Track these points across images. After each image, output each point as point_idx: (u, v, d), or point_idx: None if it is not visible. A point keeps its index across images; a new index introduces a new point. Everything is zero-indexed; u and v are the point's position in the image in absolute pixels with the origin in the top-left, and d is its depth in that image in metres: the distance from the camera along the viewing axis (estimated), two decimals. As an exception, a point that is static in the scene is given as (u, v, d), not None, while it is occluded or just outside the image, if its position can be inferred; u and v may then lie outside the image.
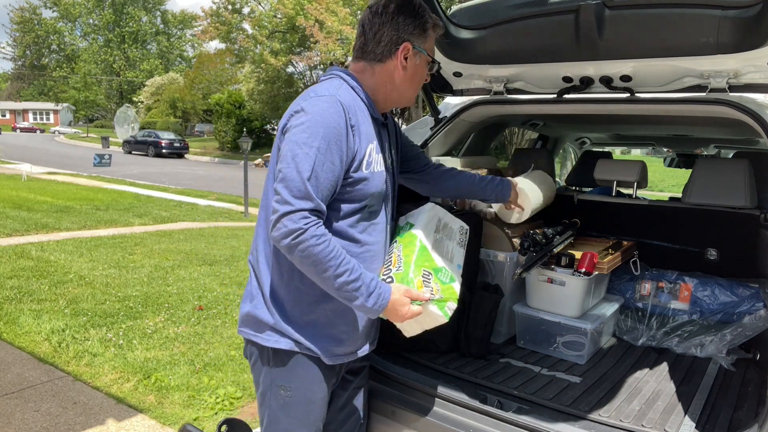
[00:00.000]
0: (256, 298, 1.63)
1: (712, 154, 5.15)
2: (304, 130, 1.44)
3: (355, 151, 1.51)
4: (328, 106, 1.47)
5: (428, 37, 1.64)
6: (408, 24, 1.59)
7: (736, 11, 1.83)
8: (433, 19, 1.64)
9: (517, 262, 2.48)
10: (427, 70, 1.69)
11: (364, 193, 1.56)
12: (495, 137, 3.67)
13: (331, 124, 1.45)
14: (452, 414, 1.85)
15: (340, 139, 1.46)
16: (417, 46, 1.61)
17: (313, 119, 1.45)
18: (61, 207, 10.13)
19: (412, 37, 1.59)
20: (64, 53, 61.64)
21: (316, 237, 1.40)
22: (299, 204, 1.40)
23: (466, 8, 2.42)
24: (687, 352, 2.46)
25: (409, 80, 1.65)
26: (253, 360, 1.69)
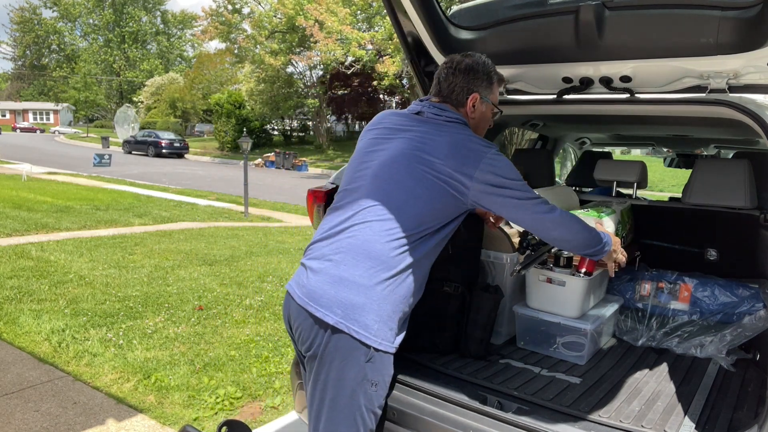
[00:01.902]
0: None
1: (712, 154, 5.15)
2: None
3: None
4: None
5: (492, 88, 1.94)
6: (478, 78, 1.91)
7: (736, 11, 1.83)
8: (498, 75, 1.97)
9: (517, 262, 2.48)
10: (491, 114, 2.00)
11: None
12: (495, 137, 3.67)
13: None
14: (452, 414, 1.85)
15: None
16: (485, 97, 1.92)
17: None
18: (61, 207, 10.13)
19: (481, 89, 1.91)
20: (64, 53, 61.68)
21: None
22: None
23: (466, 8, 2.42)
24: (687, 352, 2.46)
25: (481, 122, 1.97)
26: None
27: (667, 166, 6.34)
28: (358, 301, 1.65)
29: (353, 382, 1.67)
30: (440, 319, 2.33)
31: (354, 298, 1.65)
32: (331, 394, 1.70)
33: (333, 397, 1.70)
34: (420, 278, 1.80)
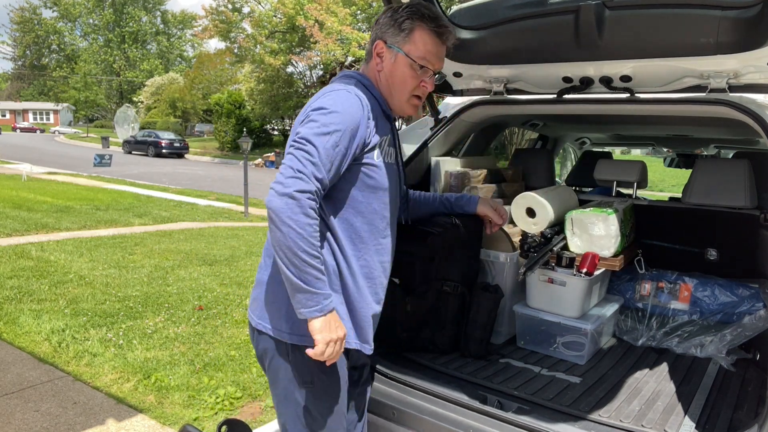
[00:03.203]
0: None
1: (712, 154, 5.15)
2: (321, 115, 1.50)
3: (367, 141, 1.58)
4: (348, 96, 1.55)
5: (409, 37, 1.62)
6: (384, 23, 1.65)
7: (736, 11, 1.83)
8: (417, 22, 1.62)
9: (517, 262, 2.48)
10: (411, 71, 1.64)
11: (377, 182, 1.63)
12: (495, 137, 3.67)
13: (348, 112, 1.52)
14: (452, 414, 1.85)
15: (356, 128, 1.53)
16: (392, 45, 1.63)
17: (332, 108, 1.51)
18: (61, 207, 10.12)
19: (387, 35, 1.64)
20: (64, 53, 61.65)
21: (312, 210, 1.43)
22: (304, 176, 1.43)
23: (466, 8, 2.42)
24: (687, 352, 2.46)
25: (392, 80, 1.66)
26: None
27: (667, 166, 6.34)
28: (258, 296, 1.68)
29: (284, 382, 1.65)
30: (440, 319, 2.33)
31: (257, 293, 1.69)
32: (274, 401, 1.71)
33: (276, 403, 1.71)
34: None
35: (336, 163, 1.49)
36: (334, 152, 1.48)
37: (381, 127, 1.64)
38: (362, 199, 1.61)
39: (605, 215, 2.38)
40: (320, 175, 1.45)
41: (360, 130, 1.54)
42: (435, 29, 1.63)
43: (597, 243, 2.41)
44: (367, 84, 1.67)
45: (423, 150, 2.61)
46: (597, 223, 2.40)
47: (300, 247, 1.41)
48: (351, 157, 1.54)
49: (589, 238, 2.42)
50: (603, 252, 2.40)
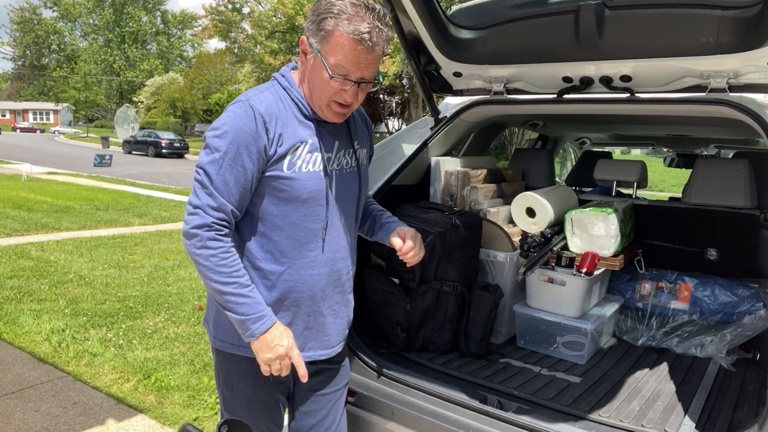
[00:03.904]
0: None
1: (712, 154, 5.14)
2: (213, 138, 1.47)
3: (269, 152, 1.49)
4: (239, 111, 1.48)
5: (329, 41, 1.43)
6: (310, 17, 1.49)
7: (736, 11, 1.83)
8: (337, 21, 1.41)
9: (517, 262, 2.49)
10: (328, 76, 1.45)
11: (290, 194, 1.53)
12: (495, 137, 3.67)
13: (238, 129, 1.45)
14: (452, 414, 1.85)
15: (251, 142, 1.46)
16: (312, 44, 1.47)
17: (222, 128, 1.47)
18: (61, 207, 10.13)
19: (309, 32, 1.49)
20: (64, 53, 61.67)
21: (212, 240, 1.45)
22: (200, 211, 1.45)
23: (466, 8, 2.42)
24: (687, 352, 2.46)
25: (311, 81, 1.52)
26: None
27: (667, 166, 6.34)
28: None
29: (216, 378, 1.74)
30: (440, 319, 2.33)
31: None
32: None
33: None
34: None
35: (238, 184, 1.46)
36: (231, 175, 1.45)
37: (294, 133, 1.53)
38: (277, 213, 1.55)
39: (605, 215, 2.38)
40: (217, 204, 1.45)
41: (257, 143, 1.46)
42: (355, 35, 1.40)
43: (597, 243, 2.41)
44: (286, 85, 1.57)
45: (423, 150, 2.61)
46: (597, 222, 2.40)
47: (212, 279, 1.46)
48: (257, 172, 1.49)
49: (589, 237, 2.42)
50: (603, 252, 2.40)
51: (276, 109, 1.51)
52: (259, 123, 1.46)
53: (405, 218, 2.32)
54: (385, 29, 1.45)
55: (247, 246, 1.57)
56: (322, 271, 1.62)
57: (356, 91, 1.50)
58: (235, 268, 1.48)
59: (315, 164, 1.56)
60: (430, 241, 2.22)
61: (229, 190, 1.46)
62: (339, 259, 1.66)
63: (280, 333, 1.53)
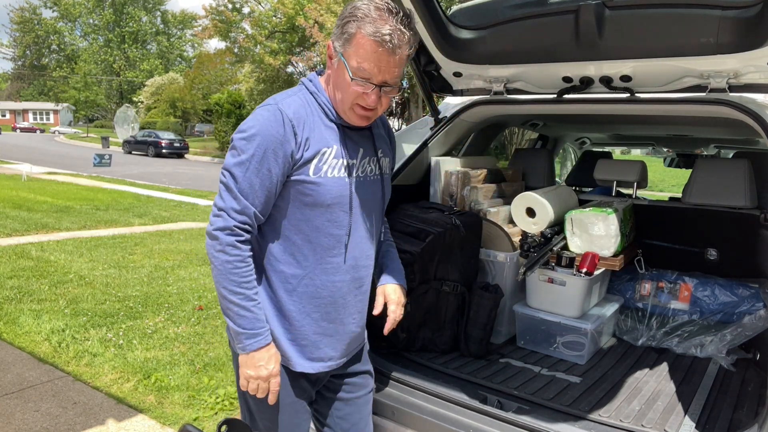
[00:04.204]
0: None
1: (712, 154, 5.15)
2: (240, 140, 1.48)
3: (296, 156, 1.50)
4: (268, 115, 1.48)
5: (351, 43, 1.44)
6: (337, 23, 1.51)
7: (736, 11, 1.83)
8: (359, 25, 1.42)
9: (517, 262, 2.49)
10: (350, 80, 1.47)
11: (315, 198, 1.53)
12: (495, 137, 3.67)
13: (266, 132, 1.46)
14: (452, 414, 1.85)
15: (279, 146, 1.46)
16: (336, 48, 1.49)
17: (249, 130, 1.48)
18: (61, 207, 10.12)
19: (335, 37, 1.50)
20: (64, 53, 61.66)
21: (231, 246, 1.46)
22: (223, 213, 1.47)
23: (466, 8, 2.42)
24: (687, 352, 2.46)
25: (336, 86, 1.54)
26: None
27: (667, 166, 6.34)
28: None
29: (240, 389, 1.71)
30: (440, 319, 2.33)
31: None
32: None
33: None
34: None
35: (263, 188, 1.47)
36: (257, 178, 1.46)
37: (321, 138, 1.54)
38: (301, 217, 1.55)
39: (605, 215, 2.38)
40: (240, 207, 1.46)
41: (284, 147, 1.47)
42: (377, 37, 1.41)
43: (597, 243, 2.41)
44: (314, 90, 1.58)
45: (423, 150, 2.61)
46: (597, 222, 2.40)
47: (221, 284, 1.48)
48: (282, 176, 1.50)
49: (589, 237, 2.43)
50: (603, 252, 2.40)
51: (304, 114, 1.52)
52: (287, 127, 1.47)
53: (405, 218, 2.33)
54: (408, 32, 1.44)
55: (269, 248, 1.57)
56: (344, 278, 1.62)
57: (378, 95, 1.50)
58: (246, 279, 1.49)
59: (340, 170, 1.56)
60: (430, 241, 2.22)
61: (254, 193, 1.47)
62: (361, 267, 1.66)
63: (269, 356, 1.54)
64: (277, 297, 1.59)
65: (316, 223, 1.55)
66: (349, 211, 1.58)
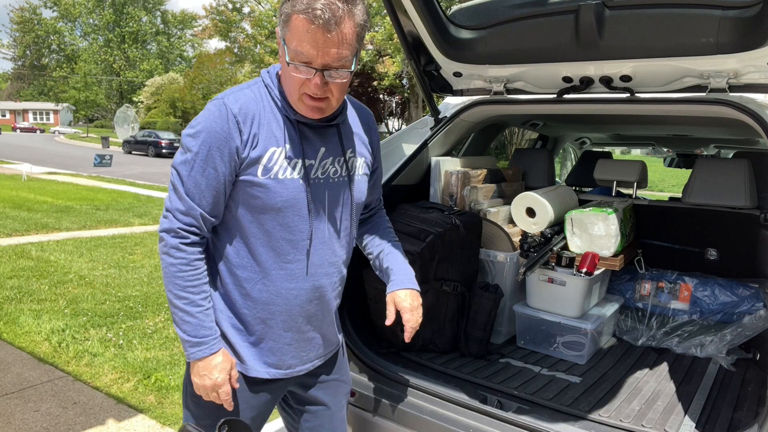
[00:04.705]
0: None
1: (712, 154, 5.15)
2: (186, 137, 1.40)
3: (242, 155, 1.39)
4: (213, 110, 1.39)
5: (288, 25, 1.30)
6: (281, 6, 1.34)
7: (736, 11, 1.83)
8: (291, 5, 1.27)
9: (517, 262, 2.49)
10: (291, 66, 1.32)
11: (264, 201, 1.42)
12: (495, 137, 3.67)
13: (210, 129, 1.37)
14: (452, 414, 1.85)
15: (223, 144, 1.37)
16: (279, 34, 1.36)
17: (196, 127, 1.39)
18: (61, 207, 10.12)
19: (279, 24, 1.35)
20: (64, 53, 61.68)
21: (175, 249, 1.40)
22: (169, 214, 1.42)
23: (466, 8, 2.42)
24: (687, 352, 2.46)
25: (282, 77, 1.41)
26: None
27: (667, 166, 6.34)
28: None
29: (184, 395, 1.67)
30: (440, 319, 2.33)
31: None
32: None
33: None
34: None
35: (210, 188, 1.39)
36: (202, 178, 1.37)
37: (271, 136, 1.41)
38: (252, 220, 1.44)
39: (605, 215, 2.38)
40: (185, 208, 1.39)
41: (229, 144, 1.36)
42: (307, 14, 1.25)
43: (597, 243, 2.41)
44: (268, 83, 1.45)
45: (423, 150, 2.61)
46: (597, 222, 2.40)
47: (166, 287, 1.42)
48: (230, 175, 1.40)
49: (589, 237, 2.43)
50: (603, 252, 2.40)
51: (254, 109, 1.40)
52: (231, 123, 1.37)
53: (405, 218, 2.33)
54: (344, 6, 1.27)
55: (224, 250, 1.49)
56: (302, 286, 1.50)
57: (322, 80, 1.33)
58: (192, 283, 1.41)
59: (293, 171, 1.43)
60: (430, 241, 2.22)
61: (200, 193, 1.39)
62: (323, 275, 1.54)
63: (213, 365, 1.44)
64: (232, 300, 1.50)
65: (268, 228, 1.44)
66: (307, 216, 1.46)
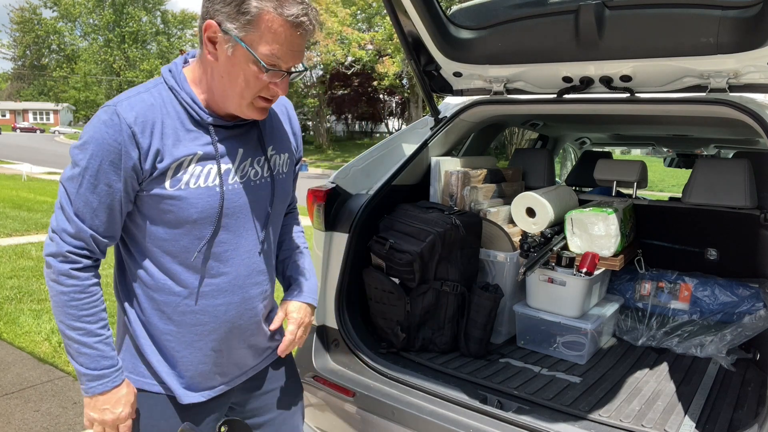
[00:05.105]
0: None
1: (712, 154, 5.15)
2: (75, 150, 1.25)
3: (144, 168, 1.24)
4: (105, 119, 1.22)
5: (256, 26, 1.18)
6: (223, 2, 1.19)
7: (736, 11, 1.83)
8: (264, 2, 1.16)
9: (517, 262, 2.48)
10: (255, 70, 1.22)
11: (177, 215, 1.28)
12: (495, 137, 3.67)
13: (100, 142, 1.21)
14: (452, 414, 1.85)
15: (117, 158, 1.22)
16: (229, 31, 1.19)
17: (84, 139, 1.24)
18: (61, 207, 10.12)
19: (222, 15, 1.19)
20: (64, 53, 61.67)
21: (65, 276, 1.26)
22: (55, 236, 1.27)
23: (466, 8, 2.42)
24: (687, 352, 2.46)
25: (226, 76, 1.24)
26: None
27: (667, 166, 6.34)
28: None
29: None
30: (440, 319, 2.33)
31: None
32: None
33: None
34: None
35: (103, 206, 1.24)
36: (93, 196, 1.23)
37: (178, 144, 1.27)
38: (166, 236, 1.30)
39: (605, 215, 2.38)
40: (74, 230, 1.24)
41: (123, 158, 1.21)
42: (290, 18, 1.18)
43: (597, 243, 2.41)
44: (173, 85, 1.29)
45: (423, 150, 2.61)
46: (597, 222, 2.40)
47: (57, 317, 1.28)
48: (128, 192, 1.26)
49: (589, 237, 2.43)
50: (603, 252, 2.40)
51: (153, 116, 1.25)
52: (125, 134, 1.21)
53: (405, 218, 2.33)
54: (314, 8, 1.24)
55: (138, 273, 1.35)
56: (230, 300, 1.39)
57: (288, 82, 1.29)
58: (88, 312, 1.27)
59: (207, 178, 1.30)
60: (430, 241, 2.23)
61: (92, 212, 1.24)
62: (251, 285, 1.42)
63: (117, 399, 1.31)
64: (151, 326, 1.37)
65: (184, 243, 1.31)
66: (227, 225, 1.34)
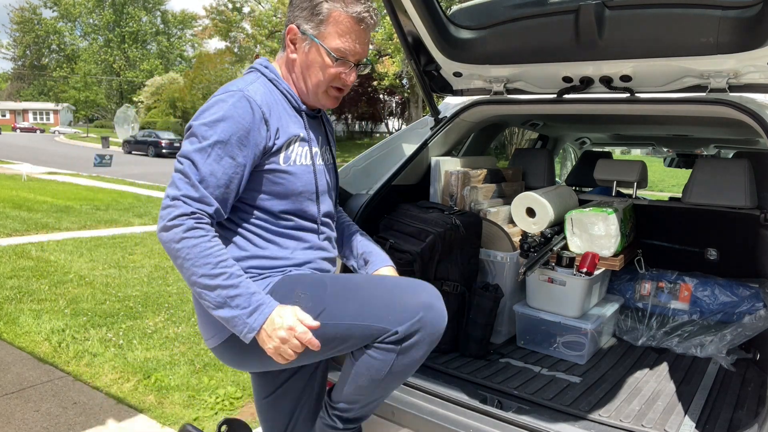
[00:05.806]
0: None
1: (712, 154, 5.15)
2: (202, 126, 1.39)
3: (268, 145, 1.46)
4: (234, 101, 1.42)
5: (327, 24, 1.47)
6: (298, 4, 1.49)
7: (736, 11, 1.83)
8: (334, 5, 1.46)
9: (517, 262, 2.48)
10: (328, 62, 1.49)
11: (286, 187, 1.51)
12: (495, 137, 3.67)
13: (233, 119, 1.40)
14: (452, 414, 1.85)
15: (246, 135, 1.41)
16: (306, 32, 1.49)
17: (214, 117, 1.40)
18: (61, 207, 10.12)
19: (300, 20, 1.49)
20: (64, 53, 61.69)
21: (193, 230, 1.34)
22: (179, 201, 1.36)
23: (466, 8, 2.42)
24: (687, 352, 2.46)
25: (306, 69, 1.52)
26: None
27: (667, 166, 6.34)
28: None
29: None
30: (440, 319, 2.33)
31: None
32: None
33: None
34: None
35: (226, 177, 1.39)
36: (218, 166, 1.38)
37: (288, 126, 1.52)
38: (270, 207, 1.52)
39: (605, 215, 2.38)
40: (198, 195, 1.36)
41: (252, 135, 1.42)
42: (354, 14, 1.46)
43: (597, 243, 2.41)
44: (273, 77, 1.55)
45: (423, 150, 2.61)
46: (597, 222, 2.40)
47: (195, 274, 1.34)
48: (249, 166, 1.43)
49: (589, 237, 2.43)
50: (603, 252, 2.40)
51: (271, 100, 1.49)
52: (257, 114, 1.43)
53: (405, 218, 2.33)
54: (374, 7, 1.51)
55: (238, 242, 1.51)
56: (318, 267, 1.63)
57: (356, 73, 1.54)
58: (222, 257, 1.36)
59: (306, 157, 1.56)
60: (430, 241, 2.22)
61: (216, 181, 1.38)
62: (328, 257, 1.68)
63: (279, 315, 1.38)
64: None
65: (288, 212, 1.54)
66: (315, 199, 1.58)
